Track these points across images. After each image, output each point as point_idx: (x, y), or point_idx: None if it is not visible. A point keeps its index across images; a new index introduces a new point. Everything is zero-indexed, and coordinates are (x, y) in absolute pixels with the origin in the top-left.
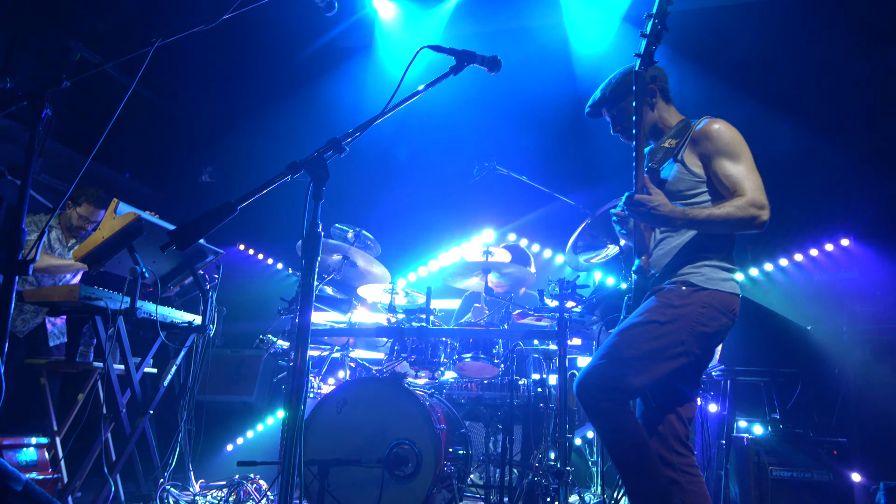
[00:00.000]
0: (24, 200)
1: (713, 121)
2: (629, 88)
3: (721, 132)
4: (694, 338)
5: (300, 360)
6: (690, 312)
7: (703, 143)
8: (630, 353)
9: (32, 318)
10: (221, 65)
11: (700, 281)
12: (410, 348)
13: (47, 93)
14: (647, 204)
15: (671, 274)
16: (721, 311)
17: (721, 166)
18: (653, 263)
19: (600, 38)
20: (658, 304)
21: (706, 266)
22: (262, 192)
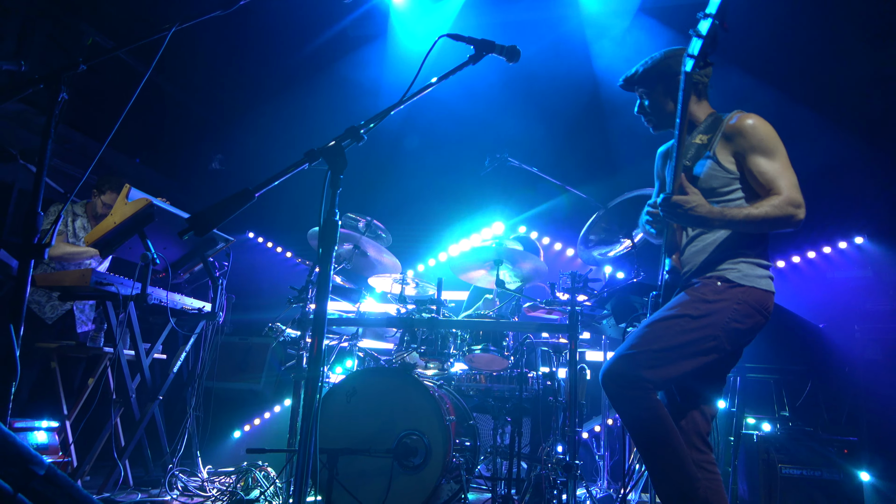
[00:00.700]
0: (41, 184)
1: (746, 115)
2: (662, 75)
3: (755, 128)
4: (726, 334)
5: (316, 349)
6: (725, 308)
7: (736, 139)
8: (660, 345)
9: (61, 304)
10: (233, 52)
11: (736, 277)
12: (420, 339)
13: (64, 76)
14: (685, 205)
15: (705, 270)
16: (756, 309)
17: (756, 163)
18: (685, 261)
19: (615, 30)
20: (691, 298)
21: (743, 262)
22: (280, 180)
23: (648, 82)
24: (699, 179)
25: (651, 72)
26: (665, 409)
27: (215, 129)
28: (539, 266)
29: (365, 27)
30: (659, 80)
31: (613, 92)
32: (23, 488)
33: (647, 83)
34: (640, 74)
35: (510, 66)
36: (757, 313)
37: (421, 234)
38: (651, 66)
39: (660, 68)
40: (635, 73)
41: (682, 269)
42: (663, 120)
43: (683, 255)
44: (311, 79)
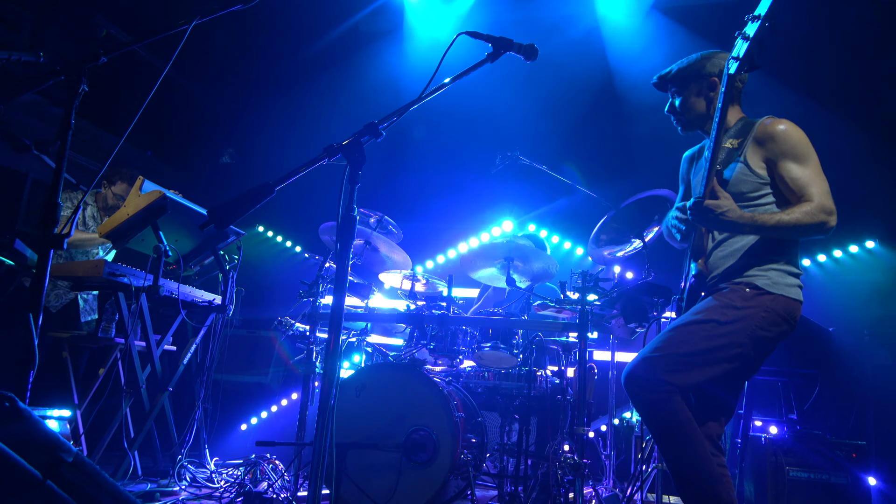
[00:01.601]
0: (61, 176)
1: (778, 121)
2: (697, 75)
3: (788, 133)
4: (752, 342)
5: (333, 344)
6: (753, 315)
7: (768, 144)
8: (685, 349)
9: (65, 293)
10: (245, 46)
11: (765, 284)
12: (430, 335)
13: (85, 67)
14: (716, 210)
15: (733, 276)
16: (783, 318)
17: (787, 169)
18: (711, 265)
19: (628, 28)
20: (719, 304)
21: (773, 269)
22: (300, 174)
23: (682, 82)
24: (728, 183)
25: (686, 71)
26: (688, 411)
27: (226, 122)
28: (550, 264)
29: (378, 22)
30: (693, 80)
31: (628, 91)
32: (52, 475)
33: (681, 82)
34: (675, 73)
35: (522, 63)
36: (783, 322)
37: (430, 230)
38: (686, 66)
39: (695, 68)
40: (669, 71)
41: (708, 274)
42: (693, 121)
43: (710, 259)
44: (323, 74)
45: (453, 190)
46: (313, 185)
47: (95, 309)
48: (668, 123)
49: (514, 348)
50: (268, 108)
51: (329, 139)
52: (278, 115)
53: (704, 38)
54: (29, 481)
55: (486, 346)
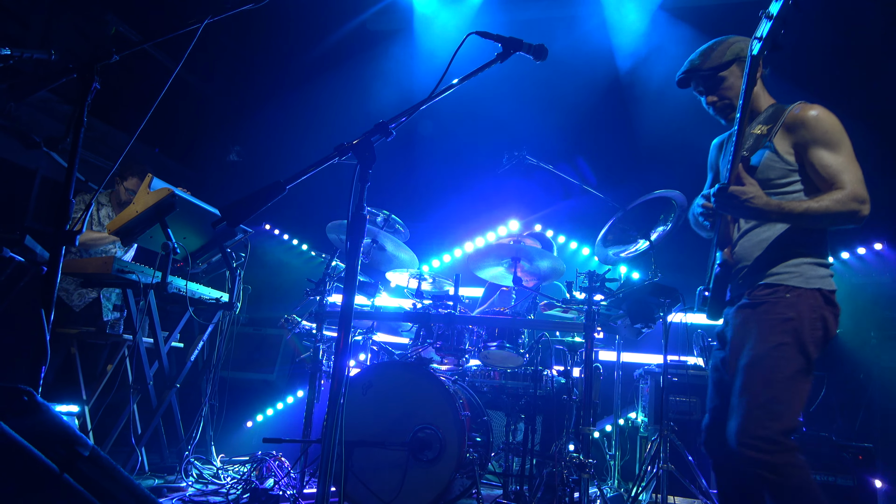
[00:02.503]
0: (73, 173)
1: (810, 106)
2: (729, 61)
3: (820, 119)
4: (815, 346)
5: (343, 342)
6: (807, 320)
7: (799, 130)
8: (776, 389)
9: (89, 292)
10: (253, 44)
11: (800, 282)
12: (436, 334)
13: (97, 66)
14: (741, 196)
15: (762, 270)
16: (831, 312)
17: (818, 156)
18: (738, 255)
19: (637, 29)
20: (771, 322)
21: (804, 263)
22: (311, 173)
23: (720, 68)
24: (756, 170)
25: (721, 59)
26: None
27: (234, 120)
28: (556, 265)
29: (386, 21)
30: (722, 68)
31: (635, 92)
32: (68, 468)
33: (719, 69)
34: (711, 62)
35: (530, 63)
36: (830, 314)
37: (437, 229)
38: (717, 52)
39: (732, 52)
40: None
41: (734, 264)
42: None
43: (735, 248)
44: (330, 72)
45: (460, 189)
46: (321, 183)
47: (119, 307)
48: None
49: (520, 348)
50: (275, 106)
51: (336, 138)
52: (286, 112)
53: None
54: (46, 475)
55: (493, 345)
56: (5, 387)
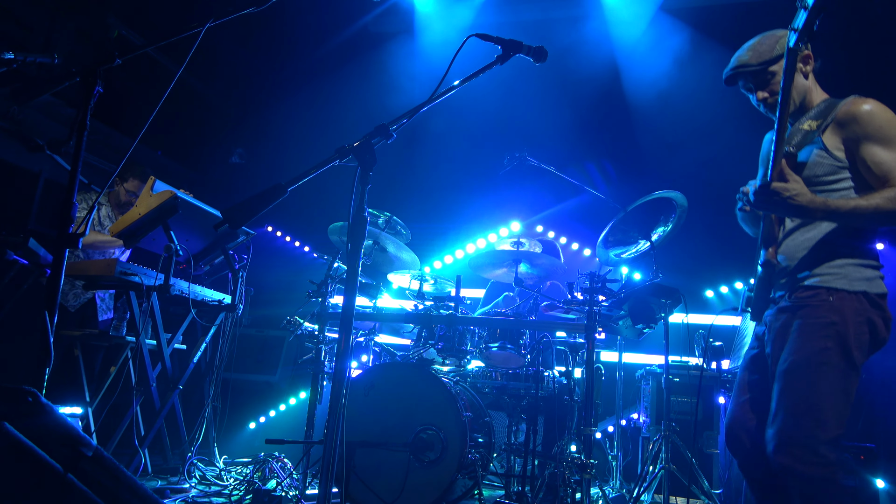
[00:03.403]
0: (76, 175)
1: (862, 100)
2: (779, 55)
3: (873, 114)
4: (860, 351)
5: (344, 343)
6: (850, 324)
7: (850, 125)
8: (820, 395)
9: (83, 293)
10: (255, 46)
11: (844, 284)
12: (438, 335)
13: (100, 69)
14: (783, 193)
15: (805, 271)
16: (879, 315)
17: (871, 152)
18: (782, 254)
19: (638, 31)
20: (816, 327)
21: (849, 265)
22: (312, 175)
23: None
24: (804, 166)
25: (773, 52)
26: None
27: (236, 122)
28: (557, 266)
29: (388, 23)
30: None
31: (636, 93)
32: (72, 468)
33: (775, 62)
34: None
35: (531, 64)
36: (879, 318)
37: (438, 231)
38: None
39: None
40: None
41: (777, 264)
42: (797, 102)
43: (780, 248)
44: (332, 74)
45: (462, 191)
46: (322, 185)
47: (111, 308)
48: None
49: (521, 348)
50: (277, 109)
51: (339, 139)
52: (288, 115)
53: (712, 39)
54: (50, 475)
55: (494, 346)
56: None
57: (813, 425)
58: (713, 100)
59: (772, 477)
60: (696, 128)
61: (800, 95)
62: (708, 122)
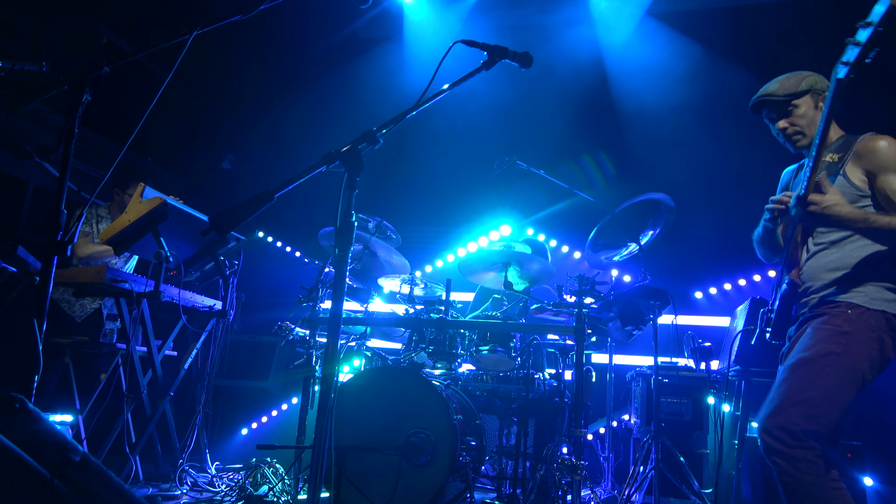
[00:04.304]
0: (65, 183)
1: (880, 137)
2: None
3: (890, 148)
4: (870, 365)
5: (332, 348)
6: (863, 338)
7: (868, 157)
8: (815, 391)
9: (90, 303)
10: (245, 52)
11: (864, 301)
12: (429, 339)
13: (88, 77)
14: (821, 203)
15: (830, 289)
16: (890, 336)
17: (889, 181)
18: (805, 276)
19: (625, 35)
20: (827, 333)
21: (871, 285)
22: (299, 182)
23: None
24: None
25: (798, 87)
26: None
27: (226, 128)
28: (547, 268)
29: (377, 29)
30: (809, 94)
31: (624, 96)
32: (59, 474)
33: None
34: (786, 90)
35: (519, 69)
36: (890, 339)
37: (428, 235)
38: (795, 81)
39: (808, 84)
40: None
41: (801, 285)
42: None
43: (803, 269)
44: (322, 80)
45: (452, 195)
46: (313, 190)
47: (113, 316)
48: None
49: (511, 351)
50: (268, 115)
51: (329, 145)
52: (279, 121)
53: (698, 43)
54: (38, 480)
55: (484, 349)
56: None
57: (803, 417)
58: (700, 103)
59: None
60: (684, 130)
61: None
62: (695, 125)
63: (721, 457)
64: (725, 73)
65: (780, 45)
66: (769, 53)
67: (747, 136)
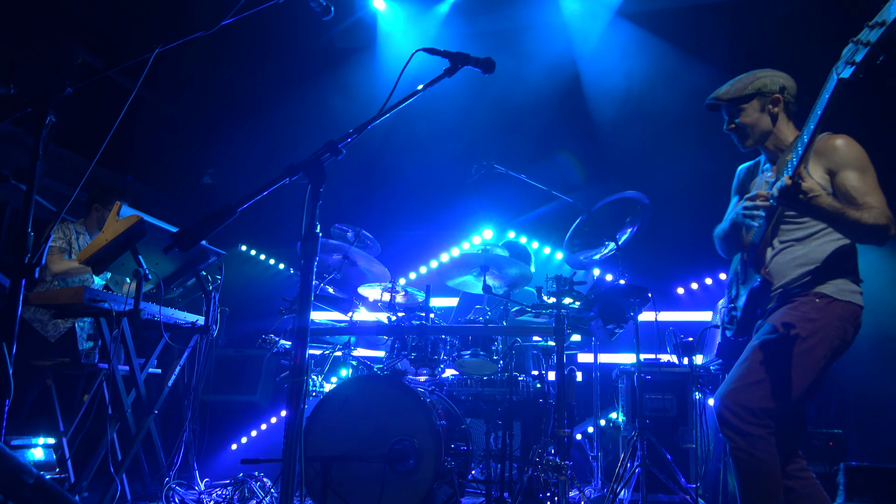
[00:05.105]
0: (31, 205)
1: (836, 136)
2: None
3: (848, 146)
4: (832, 352)
5: (300, 359)
6: (829, 325)
7: (829, 155)
8: (776, 373)
9: (63, 323)
10: (222, 66)
11: (833, 292)
12: (410, 346)
13: (51, 99)
14: (809, 192)
15: (799, 282)
16: (853, 325)
17: (848, 178)
18: (774, 273)
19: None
20: (794, 317)
21: (838, 278)
22: (262, 195)
23: (744, 100)
24: None
25: (747, 90)
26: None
27: (206, 143)
28: (524, 271)
29: (352, 39)
30: (756, 97)
31: (597, 96)
32: (13, 496)
33: (743, 101)
34: (734, 94)
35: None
36: (853, 329)
37: (412, 242)
38: (746, 85)
39: (756, 86)
40: (726, 92)
41: (773, 282)
42: (758, 137)
43: (770, 266)
44: (299, 91)
45: (434, 202)
46: (294, 202)
47: (92, 336)
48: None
49: (493, 355)
50: (248, 127)
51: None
52: (258, 133)
53: (668, 42)
54: None
55: (467, 353)
56: None
57: (761, 395)
58: (672, 101)
59: None
60: (657, 128)
61: (759, 132)
62: (670, 123)
63: (707, 451)
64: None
65: (751, 42)
66: (739, 51)
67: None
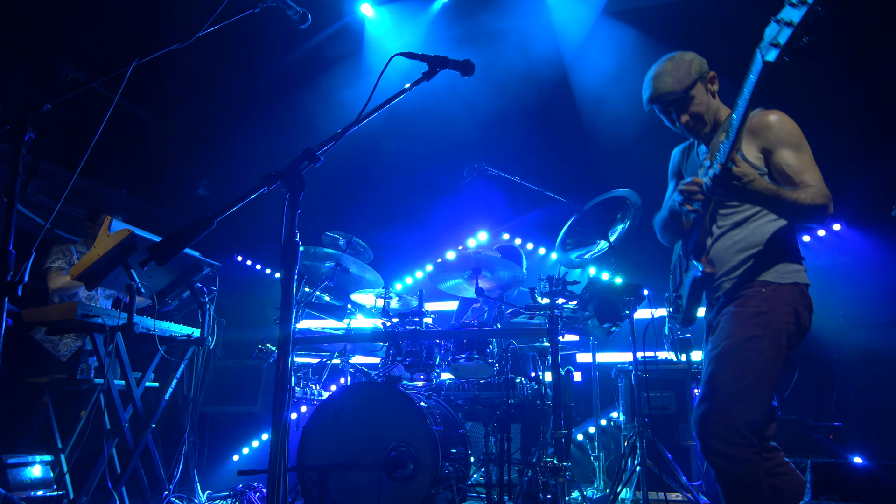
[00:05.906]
0: (11, 222)
1: (770, 112)
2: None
3: (781, 122)
4: (788, 340)
5: (282, 368)
6: (780, 313)
7: (763, 133)
8: (746, 379)
9: (73, 341)
10: (212, 78)
11: (776, 277)
12: (405, 351)
13: (30, 116)
14: (743, 178)
15: (740, 269)
16: (804, 306)
17: (783, 156)
18: (715, 260)
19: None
20: (747, 315)
21: (780, 262)
22: (239, 205)
23: (689, 89)
24: None
25: (689, 79)
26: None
27: (199, 155)
28: (517, 273)
29: (341, 46)
30: (699, 82)
31: (586, 95)
32: None
33: (688, 90)
34: (680, 85)
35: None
36: (805, 309)
37: (407, 247)
38: (683, 72)
39: (695, 72)
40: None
41: (714, 271)
42: (712, 121)
43: (710, 254)
44: (290, 98)
45: (427, 207)
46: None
47: (89, 352)
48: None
49: (488, 357)
50: (240, 138)
51: None
52: (251, 143)
53: (654, 39)
54: None
55: (462, 357)
56: None
57: (738, 408)
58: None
59: None
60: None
61: (712, 115)
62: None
63: None
64: None
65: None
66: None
67: None
